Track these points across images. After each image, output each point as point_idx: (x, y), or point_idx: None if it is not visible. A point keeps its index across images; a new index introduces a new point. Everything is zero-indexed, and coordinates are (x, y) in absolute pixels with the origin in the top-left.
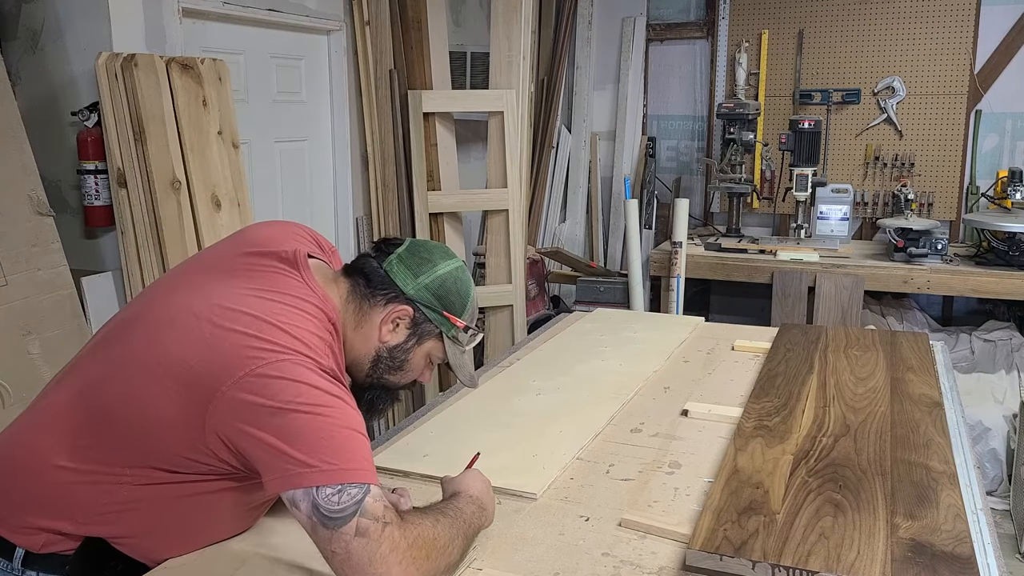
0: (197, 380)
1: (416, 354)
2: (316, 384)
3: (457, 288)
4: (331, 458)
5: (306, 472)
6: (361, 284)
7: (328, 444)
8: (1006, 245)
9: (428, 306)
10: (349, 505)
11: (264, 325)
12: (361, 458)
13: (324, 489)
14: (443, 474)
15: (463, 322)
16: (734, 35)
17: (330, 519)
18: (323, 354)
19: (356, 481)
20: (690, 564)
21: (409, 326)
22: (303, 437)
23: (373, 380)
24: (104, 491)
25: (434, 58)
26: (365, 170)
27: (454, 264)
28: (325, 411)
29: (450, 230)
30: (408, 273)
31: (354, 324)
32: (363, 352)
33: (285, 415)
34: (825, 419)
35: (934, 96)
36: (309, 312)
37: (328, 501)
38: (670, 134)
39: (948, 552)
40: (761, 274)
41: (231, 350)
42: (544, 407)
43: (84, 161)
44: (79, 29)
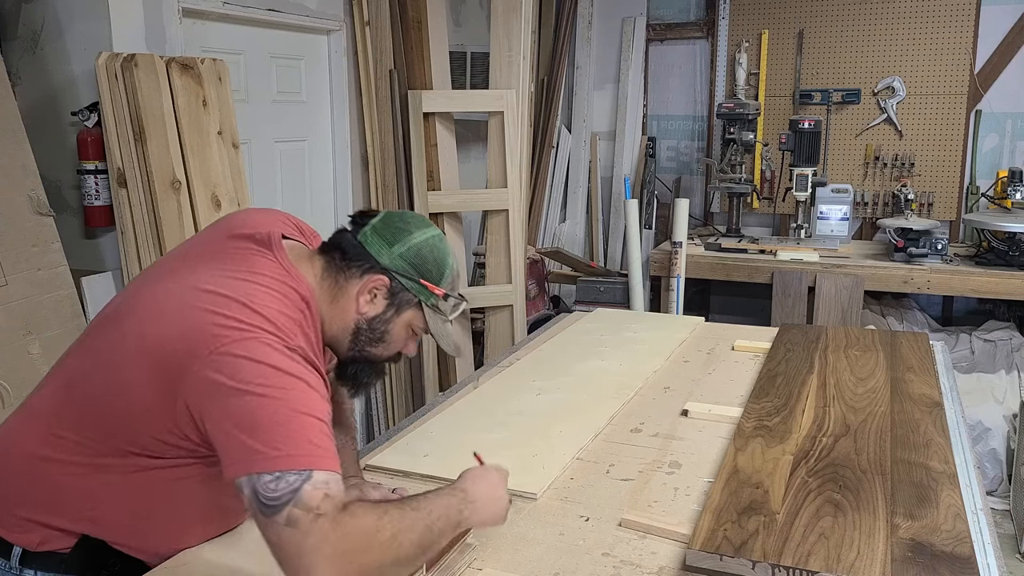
0: (170, 359)
1: (396, 324)
2: (277, 364)
3: (434, 256)
4: (275, 443)
5: (250, 457)
6: (337, 258)
7: (275, 429)
8: (1006, 245)
9: (404, 275)
10: (285, 493)
11: (233, 304)
12: (307, 443)
13: (264, 476)
14: (443, 474)
15: (442, 290)
16: (734, 35)
17: (266, 507)
18: (291, 333)
19: (297, 468)
20: (690, 564)
21: (386, 296)
22: (252, 421)
23: (355, 353)
24: (90, 481)
25: (434, 58)
26: (365, 170)
27: (430, 233)
28: (280, 393)
29: (450, 230)
30: (383, 243)
31: (331, 299)
32: (342, 326)
33: (241, 397)
34: (825, 419)
35: (934, 96)
36: (278, 291)
37: (266, 488)
38: (670, 134)
39: (948, 552)
40: (761, 274)
41: (201, 328)
42: (544, 407)
43: (84, 161)
44: (79, 29)
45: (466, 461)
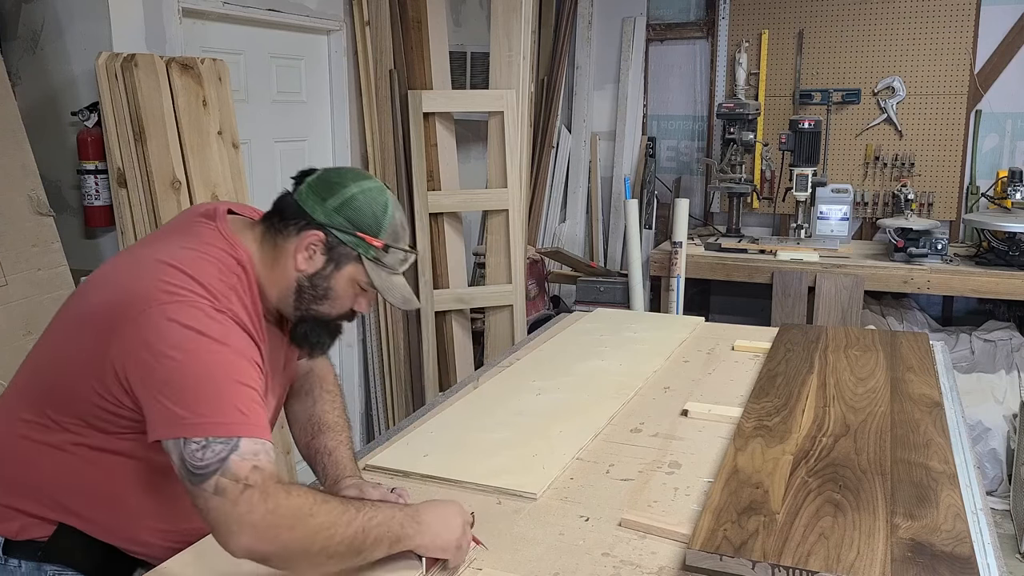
0: (105, 321)
1: (338, 280)
2: (204, 328)
3: (371, 207)
4: (200, 409)
5: (175, 422)
6: (275, 220)
7: (199, 394)
8: (1006, 245)
9: (340, 229)
10: (212, 462)
11: (168, 269)
12: (233, 409)
13: (190, 443)
14: (443, 474)
15: (381, 241)
16: (734, 35)
17: (193, 474)
18: (223, 296)
19: (224, 435)
20: (690, 564)
21: (324, 252)
22: (177, 385)
23: (303, 313)
24: (54, 463)
25: (434, 58)
26: (365, 170)
27: (368, 185)
28: (206, 358)
29: (450, 230)
30: (317, 199)
31: (272, 260)
32: (285, 285)
33: (166, 359)
34: (825, 419)
35: (934, 96)
36: (214, 256)
37: (192, 456)
38: (670, 134)
39: (948, 552)
40: (761, 274)
41: (136, 292)
42: (544, 407)
43: (84, 161)
44: (79, 29)
45: (467, 461)
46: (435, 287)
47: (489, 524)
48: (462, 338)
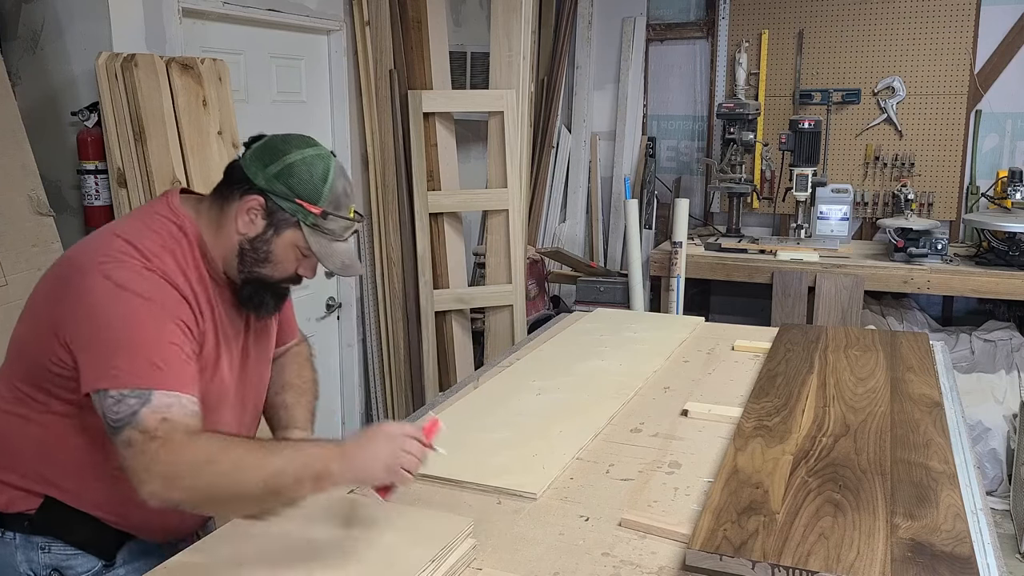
0: (54, 288)
1: (278, 244)
2: (130, 286)
3: (311, 174)
4: (117, 362)
5: (97, 375)
6: (222, 186)
7: (119, 348)
8: (1006, 245)
9: (279, 195)
10: (125, 415)
11: (108, 237)
12: (149, 363)
13: (108, 396)
14: (443, 474)
15: (319, 208)
16: (734, 35)
17: (110, 426)
18: (156, 256)
19: (137, 387)
20: (690, 564)
21: (264, 216)
22: (100, 339)
23: (247, 275)
24: (31, 433)
25: (434, 58)
26: (365, 170)
27: (311, 152)
28: (127, 313)
29: (450, 230)
30: (259, 164)
31: (217, 224)
32: (229, 248)
33: (92, 316)
34: (825, 419)
35: (934, 96)
36: (154, 224)
37: (109, 409)
38: (670, 134)
39: (948, 552)
40: (761, 274)
41: (78, 258)
42: (544, 407)
43: (84, 161)
44: (79, 29)
45: (467, 461)
46: (435, 287)
47: (489, 524)
48: (462, 338)
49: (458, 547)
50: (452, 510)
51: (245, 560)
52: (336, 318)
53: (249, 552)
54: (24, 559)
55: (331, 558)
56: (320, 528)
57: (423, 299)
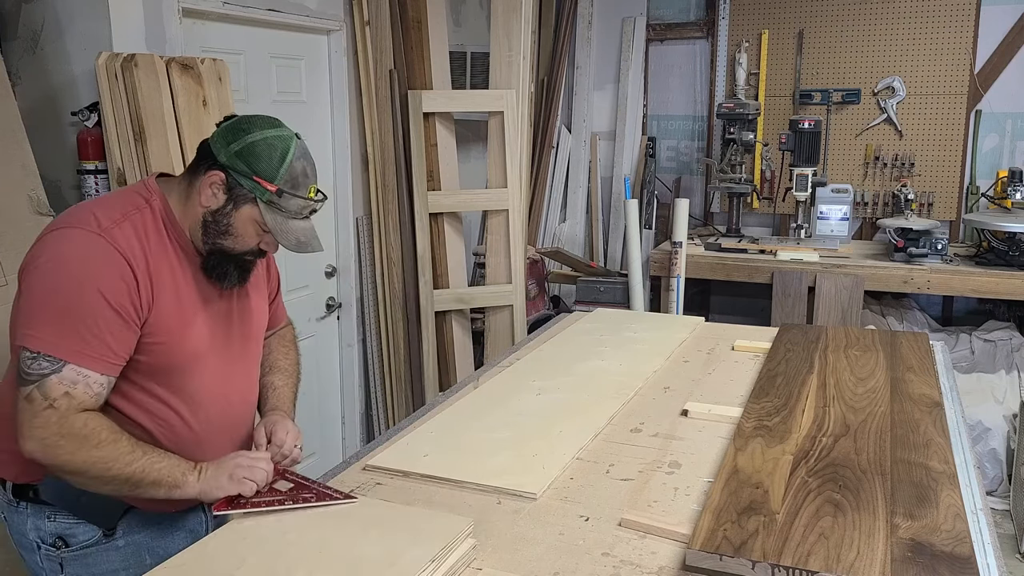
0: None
1: (237, 218)
2: (76, 254)
3: (269, 153)
4: (46, 327)
5: (22, 330)
6: (193, 162)
7: (49, 312)
8: (1006, 245)
9: (239, 171)
10: (34, 374)
11: (78, 205)
12: (72, 335)
13: (25, 351)
14: (443, 474)
15: (275, 186)
16: (734, 35)
17: (20, 378)
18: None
19: (54, 355)
20: (690, 564)
21: (225, 191)
22: (33, 297)
23: (211, 246)
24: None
25: (434, 58)
26: (365, 170)
27: (273, 133)
28: (66, 279)
29: (450, 230)
30: (223, 142)
31: (185, 196)
32: (195, 219)
33: (29, 278)
34: (825, 419)
35: (934, 96)
36: (121, 197)
37: (24, 362)
38: (670, 134)
39: (948, 552)
40: (761, 274)
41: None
42: (544, 407)
43: (84, 161)
44: (79, 29)
45: (467, 461)
46: (435, 287)
47: (489, 524)
48: (462, 338)
49: (458, 547)
50: (452, 510)
51: (245, 560)
52: (336, 318)
53: (249, 552)
54: (33, 527)
55: (331, 558)
56: (320, 528)
57: (423, 299)
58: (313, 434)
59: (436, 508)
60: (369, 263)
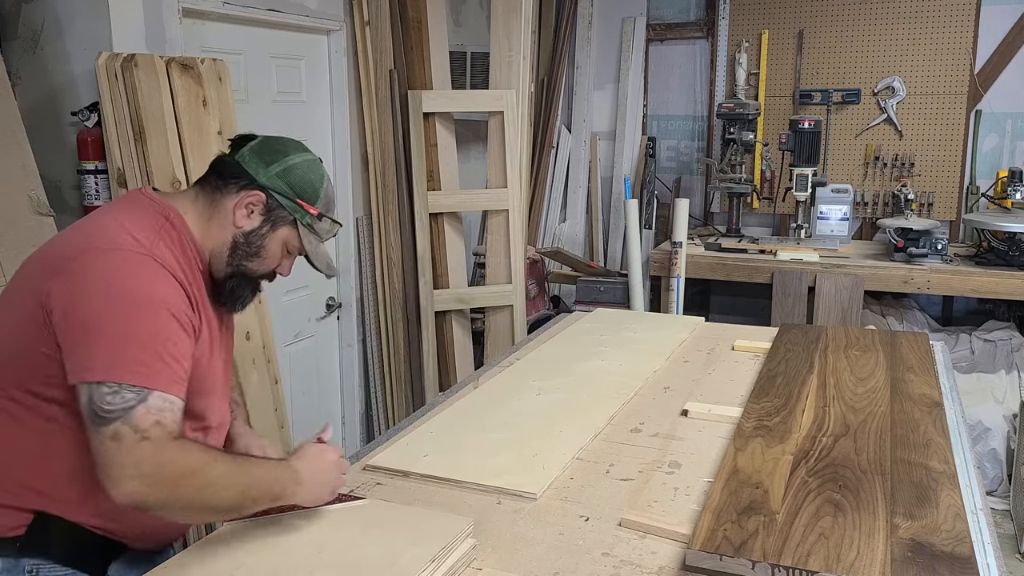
0: (41, 278)
1: (272, 240)
2: (131, 277)
3: (310, 177)
4: (117, 357)
5: (94, 364)
6: (213, 179)
7: (119, 340)
8: (1006, 245)
9: (281, 193)
10: (118, 408)
11: (97, 226)
12: (156, 359)
13: (103, 386)
14: (443, 474)
15: (316, 209)
16: (734, 35)
17: (97, 416)
18: (151, 242)
19: (137, 384)
20: (690, 564)
21: (263, 212)
22: (98, 328)
23: (233, 268)
24: (14, 440)
25: (434, 58)
26: (365, 170)
27: (308, 157)
28: (130, 306)
29: (450, 230)
30: (260, 162)
31: (208, 216)
32: (221, 240)
33: (89, 304)
34: (825, 419)
35: (934, 96)
36: (140, 212)
37: (102, 399)
38: (670, 134)
39: (948, 552)
40: (761, 274)
41: (66, 246)
42: (544, 407)
43: (84, 161)
44: (79, 29)
45: (467, 461)
46: (435, 287)
47: (489, 524)
48: (462, 338)
49: (458, 547)
50: (452, 510)
51: (245, 561)
52: (336, 318)
53: (249, 553)
54: None
55: (331, 558)
56: (320, 528)
57: (423, 299)
58: (313, 434)
59: (436, 508)
60: (369, 263)
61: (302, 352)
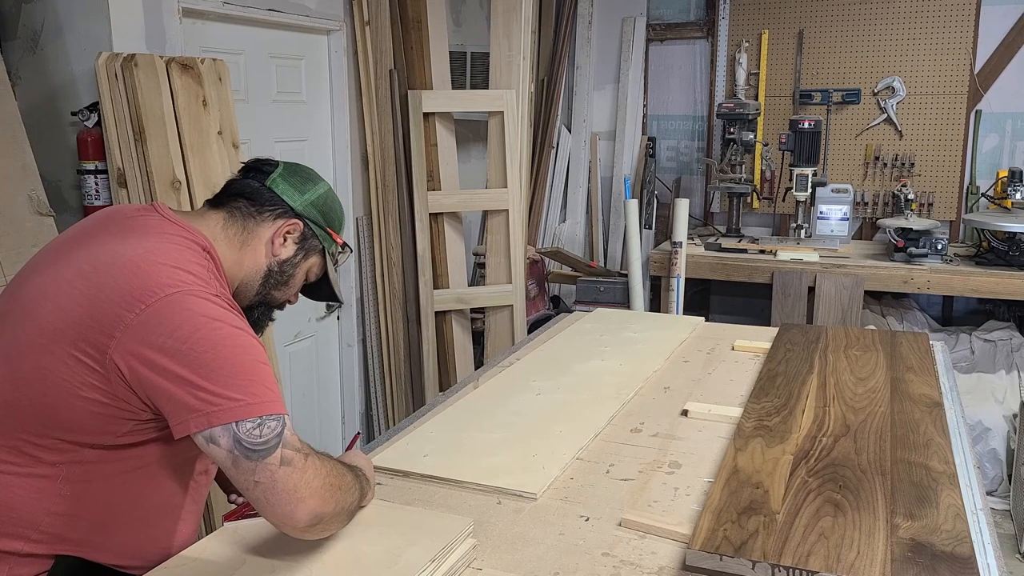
0: (89, 334)
1: (300, 269)
2: (214, 315)
3: (335, 206)
4: (245, 391)
5: (223, 407)
6: (243, 204)
7: (240, 376)
8: (1006, 245)
9: (315, 221)
10: (271, 437)
11: (144, 263)
12: (271, 389)
13: (244, 423)
14: (443, 474)
15: (342, 239)
16: (734, 35)
17: (254, 451)
18: (209, 280)
19: (274, 413)
20: (690, 564)
21: (297, 240)
22: (214, 370)
23: (261, 297)
24: (41, 489)
25: (434, 58)
26: (365, 170)
27: (328, 184)
28: (229, 342)
29: (450, 230)
30: (294, 190)
31: (240, 244)
32: (254, 269)
33: (191, 349)
34: (825, 419)
35: (934, 96)
36: (180, 244)
37: (250, 435)
38: (670, 134)
39: (948, 552)
40: (761, 274)
41: (117, 297)
42: (544, 407)
43: (84, 161)
44: (79, 29)
45: (466, 461)
46: (435, 287)
47: (489, 524)
48: (462, 338)
49: (458, 547)
50: (452, 510)
51: (245, 560)
52: (336, 318)
53: (249, 553)
54: None
55: (331, 558)
56: None
57: (423, 299)
58: (313, 434)
59: (436, 508)
60: (369, 263)
61: (302, 352)
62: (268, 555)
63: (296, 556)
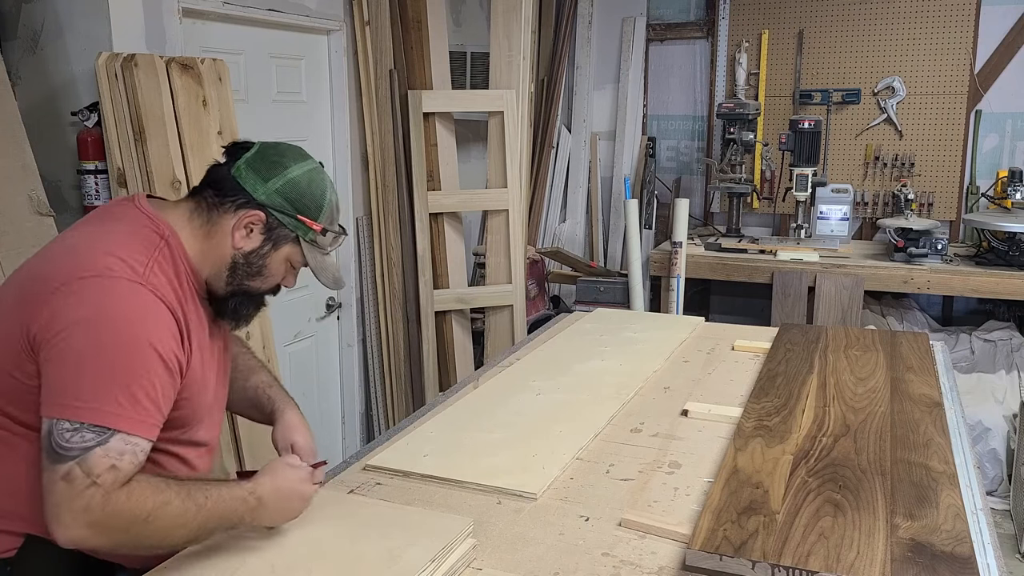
0: (23, 301)
1: (273, 259)
2: (113, 308)
3: (311, 190)
4: (84, 392)
5: (58, 399)
6: (209, 195)
7: (89, 376)
8: (1006, 245)
9: (281, 210)
10: (75, 448)
11: (82, 248)
12: (115, 400)
13: (63, 423)
14: (443, 474)
15: (320, 225)
16: (734, 35)
17: (53, 452)
18: (144, 267)
19: (100, 424)
20: (690, 564)
21: (263, 232)
22: (69, 361)
23: (234, 287)
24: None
25: (434, 58)
26: (365, 170)
27: (308, 166)
28: (105, 340)
29: (450, 230)
30: (258, 178)
31: (205, 234)
32: (219, 260)
33: (66, 335)
34: (825, 419)
35: (934, 96)
36: (134, 232)
37: (61, 435)
38: (670, 134)
39: (948, 552)
40: (761, 274)
41: (53, 269)
42: (544, 407)
43: (84, 161)
44: (79, 29)
45: (466, 461)
46: (435, 287)
47: (489, 524)
48: (462, 338)
49: (458, 547)
50: (452, 510)
51: (245, 560)
52: (336, 318)
53: (249, 553)
54: None
55: (331, 558)
56: (320, 528)
57: (423, 299)
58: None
59: (436, 508)
60: (369, 263)
61: (302, 352)
62: (268, 555)
63: (296, 556)
